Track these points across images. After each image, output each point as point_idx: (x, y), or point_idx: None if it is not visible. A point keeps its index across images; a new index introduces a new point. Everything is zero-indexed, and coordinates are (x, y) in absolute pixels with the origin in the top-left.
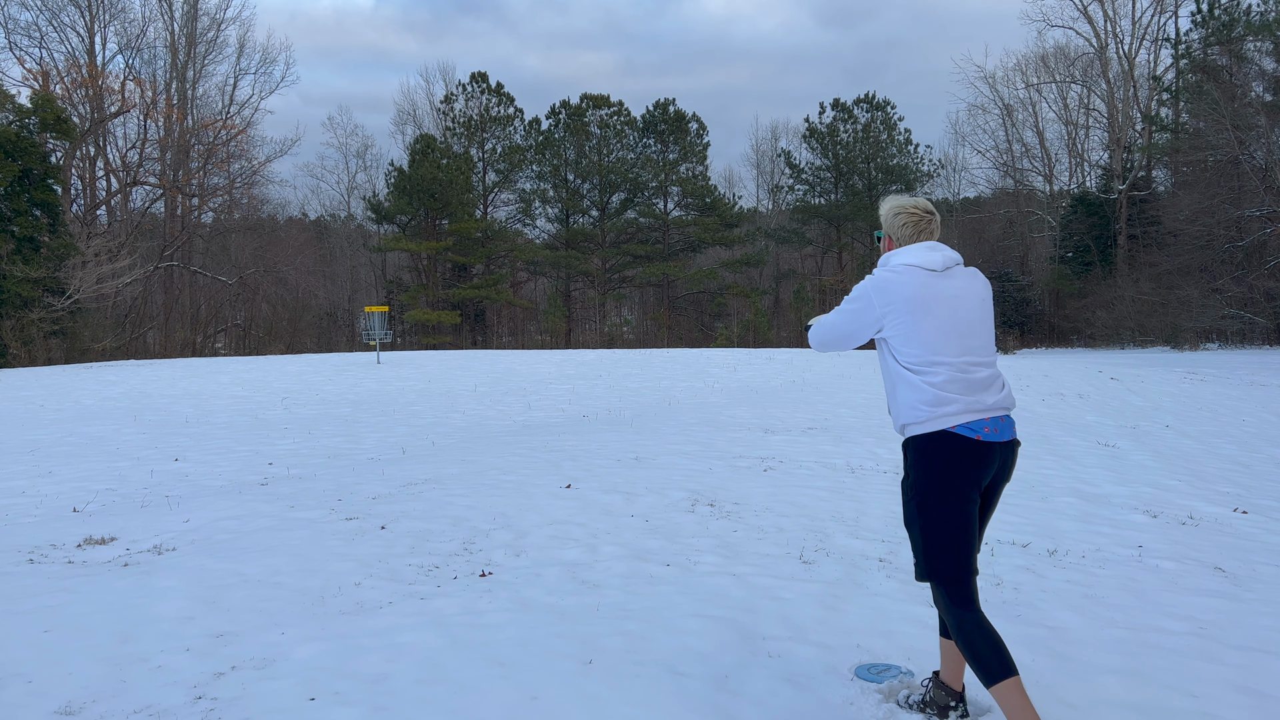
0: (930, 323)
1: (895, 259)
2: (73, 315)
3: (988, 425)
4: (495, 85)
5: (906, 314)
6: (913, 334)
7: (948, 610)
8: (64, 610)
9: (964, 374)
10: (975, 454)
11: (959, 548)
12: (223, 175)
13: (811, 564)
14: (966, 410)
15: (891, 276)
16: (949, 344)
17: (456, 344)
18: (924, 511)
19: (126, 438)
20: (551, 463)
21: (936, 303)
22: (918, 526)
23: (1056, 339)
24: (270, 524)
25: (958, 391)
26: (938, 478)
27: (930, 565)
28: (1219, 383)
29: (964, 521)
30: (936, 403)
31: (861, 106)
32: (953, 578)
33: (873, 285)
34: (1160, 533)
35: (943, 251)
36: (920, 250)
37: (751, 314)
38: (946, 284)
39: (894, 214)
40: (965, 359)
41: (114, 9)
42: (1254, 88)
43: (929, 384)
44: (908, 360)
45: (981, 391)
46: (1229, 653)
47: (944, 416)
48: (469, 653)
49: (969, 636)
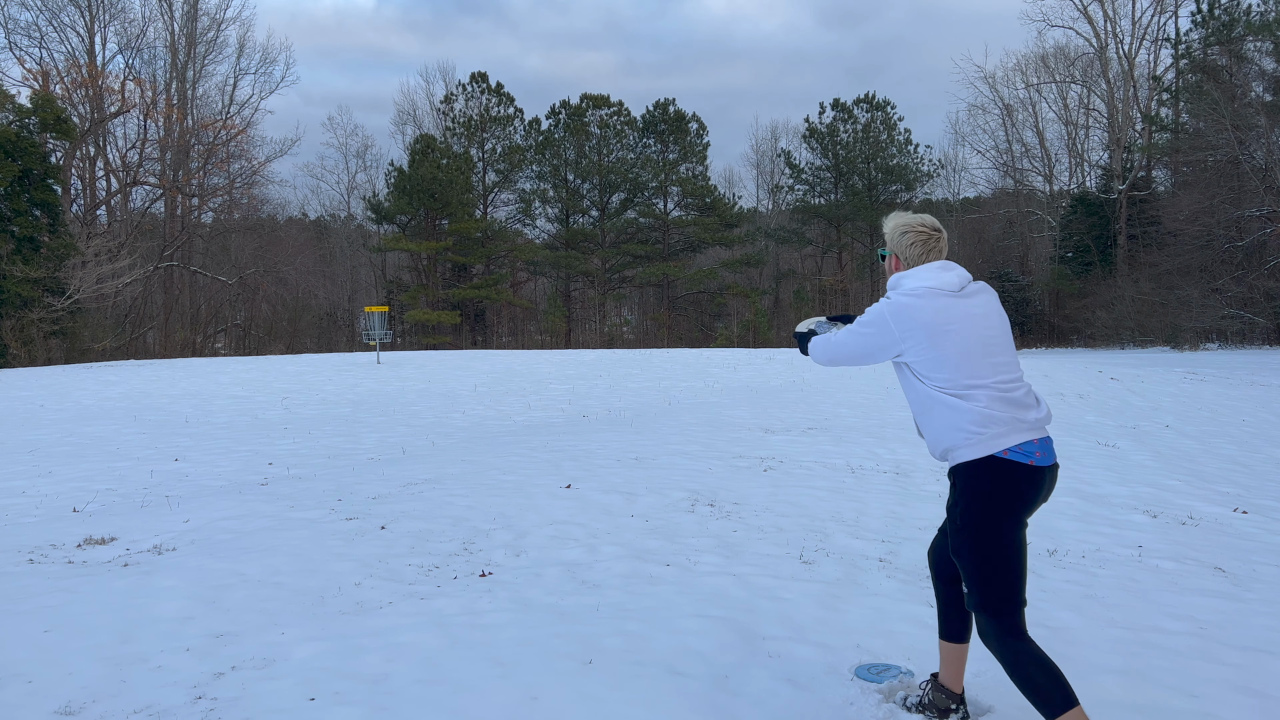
0: (957, 345)
1: (908, 282)
2: (73, 315)
3: (1038, 450)
4: (495, 85)
5: (929, 339)
6: (941, 359)
7: (998, 643)
8: (64, 610)
9: (1004, 393)
10: (1030, 481)
11: (1012, 579)
12: (223, 175)
13: (811, 564)
14: (1013, 430)
15: (909, 301)
16: (981, 365)
17: (456, 344)
18: (977, 542)
19: (126, 438)
20: (551, 463)
21: (960, 324)
22: (969, 557)
23: (1056, 339)
24: (270, 524)
25: (1002, 410)
26: (991, 507)
27: (983, 596)
28: (1219, 383)
29: (1016, 551)
30: (983, 423)
31: (861, 106)
32: (1004, 609)
33: (890, 311)
34: (1160, 533)
35: (956, 270)
36: (934, 271)
37: (751, 314)
38: (966, 304)
39: (901, 232)
40: (1000, 378)
41: (114, 9)
42: (1254, 88)
43: (972, 406)
44: (940, 384)
45: (1023, 409)
46: (1229, 653)
47: (993, 439)
48: (469, 653)
49: (1024, 668)
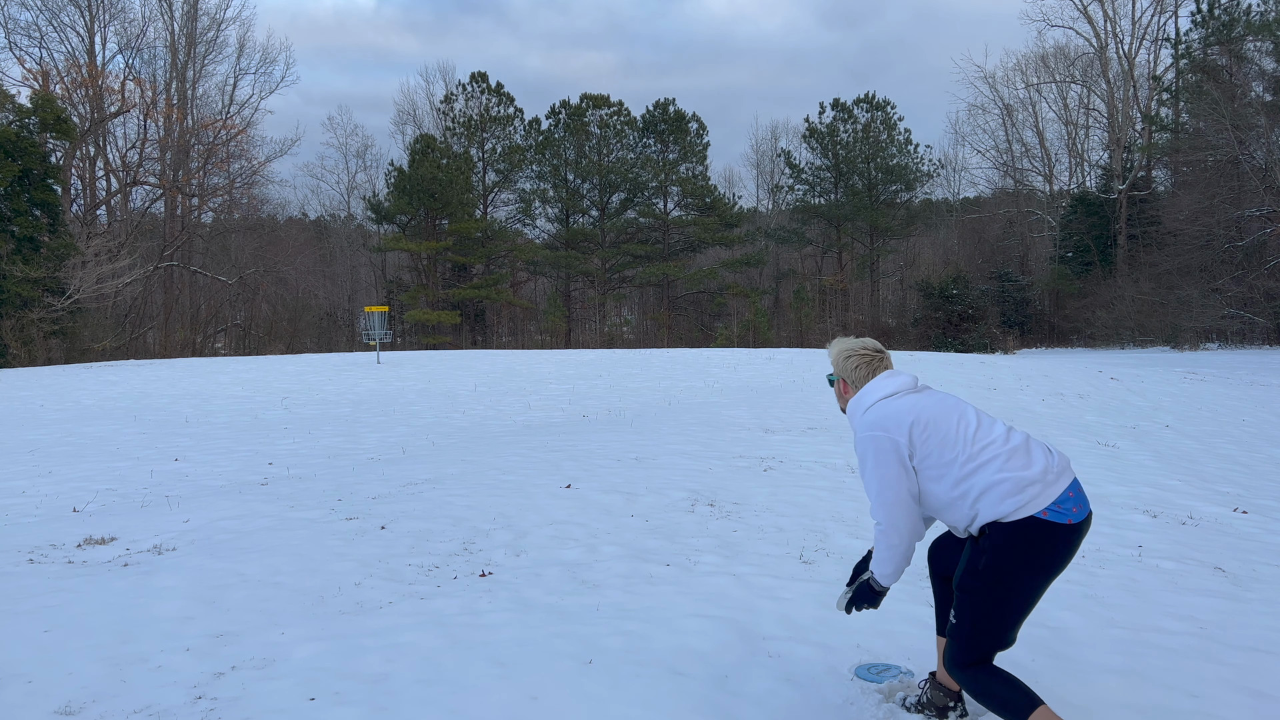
0: (948, 426)
1: (867, 398)
2: (73, 315)
3: (1074, 505)
4: (495, 85)
5: (923, 430)
6: (944, 445)
7: (963, 673)
8: (64, 610)
9: (1015, 455)
10: (1067, 541)
11: (1010, 630)
12: (223, 175)
13: (811, 564)
14: (1043, 480)
15: (883, 407)
16: (981, 434)
17: (456, 344)
18: (995, 591)
19: (126, 438)
20: (551, 463)
21: (935, 409)
22: (977, 609)
23: (1056, 339)
24: (270, 524)
25: (1019, 469)
26: (1023, 566)
27: (974, 646)
28: (1219, 383)
29: (1031, 601)
30: (1019, 489)
31: (861, 106)
32: (990, 655)
33: (875, 424)
34: (1160, 533)
35: (904, 375)
36: (883, 381)
37: (751, 314)
38: (928, 395)
39: (845, 358)
40: (1009, 446)
41: (114, 9)
42: (1254, 88)
43: (996, 476)
44: (957, 475)
45: (1035, 456)
46: (1229, 653)
47: (1031, 501)
48: (469, 653)
49: (985, 687)
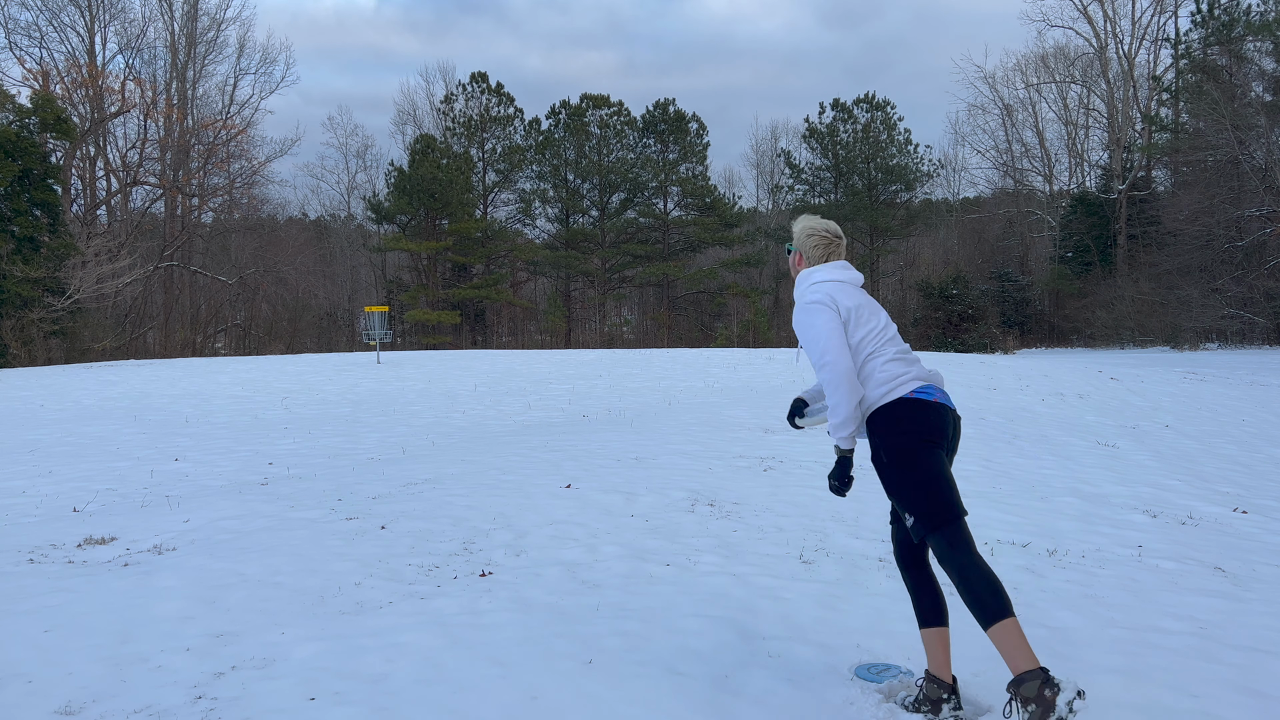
0: (870, 325)
1: (817, 275)
2: (73, 315)
3: (937, 394)
4: (495, 85)
5: (854, 315)
6: (866, 334)
7: (949, 557)
8: (64, 610)
9: (902, 357)
10: (936, 412)
11: (944, 490)
12: (223, 175)
13: (811, 564)
14: (917, 378)
15: (828, 286)
16: (885, 336)
17: (456, 344)
18: (903, 468)
19: (126, 438)
20: (551, 463)
21: (866, 308)
22: (903, 485)
23: (1056, 339)
24: (270, 524)
25: (904, 367)
26: (906, 434)
27: (921, 516)
28: (1219, 383)
29: (939, 468)
30: (891, 379)
31: (861, 106)
32: (945, 522)
33: (822, 295)
34: (1160, 533)
35: (853, 270)
36: (836, 269)
37: (751, 314)
38: (864, 295)
39: (807, 234)
40: (899, 346)
41: (114, 9)
42: (1254, 88)
43: (882, 365)
44: (862, 359)
45: (917, 365)
46: (1229, 653)
47: (900, 386)
48: (469, 652)
49: (969, 579)
